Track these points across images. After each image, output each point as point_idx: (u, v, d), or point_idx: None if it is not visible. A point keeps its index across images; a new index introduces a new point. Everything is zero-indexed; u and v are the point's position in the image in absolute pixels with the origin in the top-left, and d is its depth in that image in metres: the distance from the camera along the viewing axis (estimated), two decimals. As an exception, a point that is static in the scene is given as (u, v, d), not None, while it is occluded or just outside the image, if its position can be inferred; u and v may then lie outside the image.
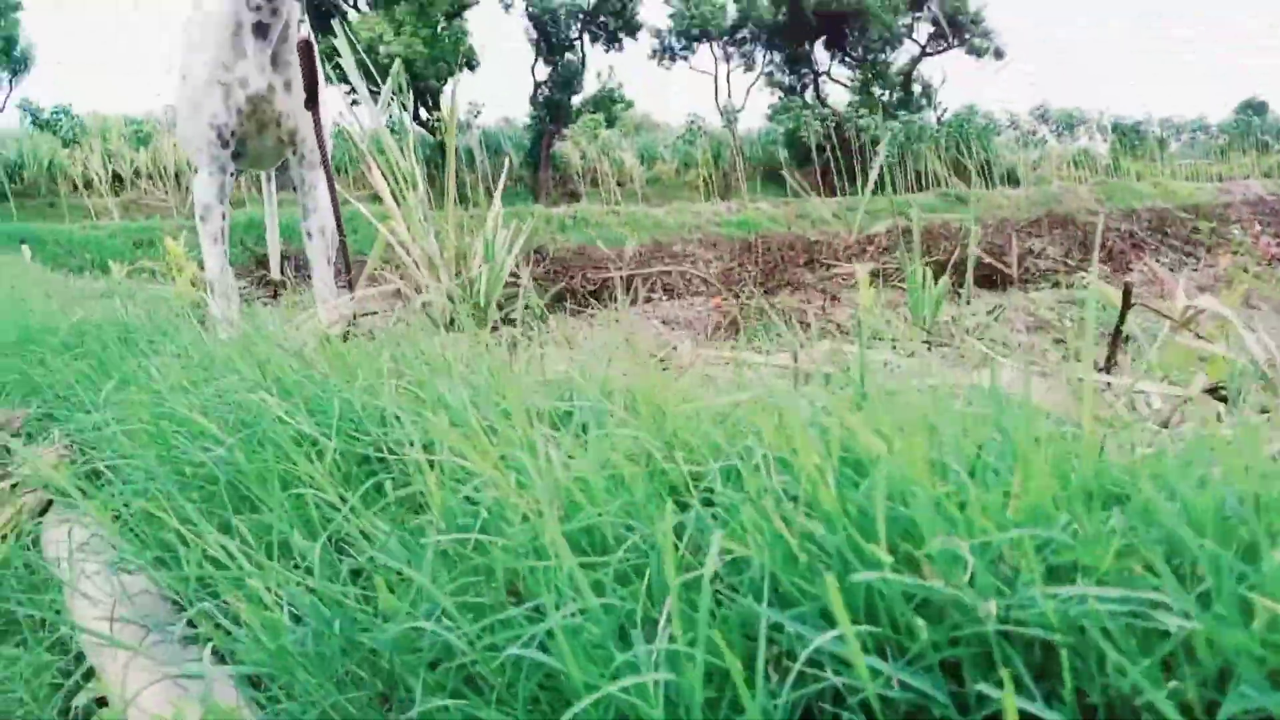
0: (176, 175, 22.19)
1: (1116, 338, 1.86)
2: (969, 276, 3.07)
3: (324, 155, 2.61)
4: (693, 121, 27.84)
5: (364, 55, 4.22)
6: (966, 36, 29.84)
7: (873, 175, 6.42)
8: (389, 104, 4.29)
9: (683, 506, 0.85)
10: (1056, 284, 6.21)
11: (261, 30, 2.44)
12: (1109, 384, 1.34)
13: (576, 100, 28.36)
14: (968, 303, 3.88)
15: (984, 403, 0.87)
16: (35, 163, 22.13)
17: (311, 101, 2.54)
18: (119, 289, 6.31)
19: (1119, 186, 26.23)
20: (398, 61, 4.52)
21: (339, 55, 4.26)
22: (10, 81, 21.20)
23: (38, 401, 2.49)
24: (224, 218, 2.64)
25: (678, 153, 29.56)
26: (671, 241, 14.19)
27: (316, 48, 2.60)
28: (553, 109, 27.82)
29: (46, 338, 2.77)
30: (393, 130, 4.34)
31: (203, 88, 2.47)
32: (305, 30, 2.51)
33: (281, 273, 5.00)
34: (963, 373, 1.23)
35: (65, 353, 2.56)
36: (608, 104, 28.41)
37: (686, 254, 11.14)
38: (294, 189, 3.36)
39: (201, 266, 6.37)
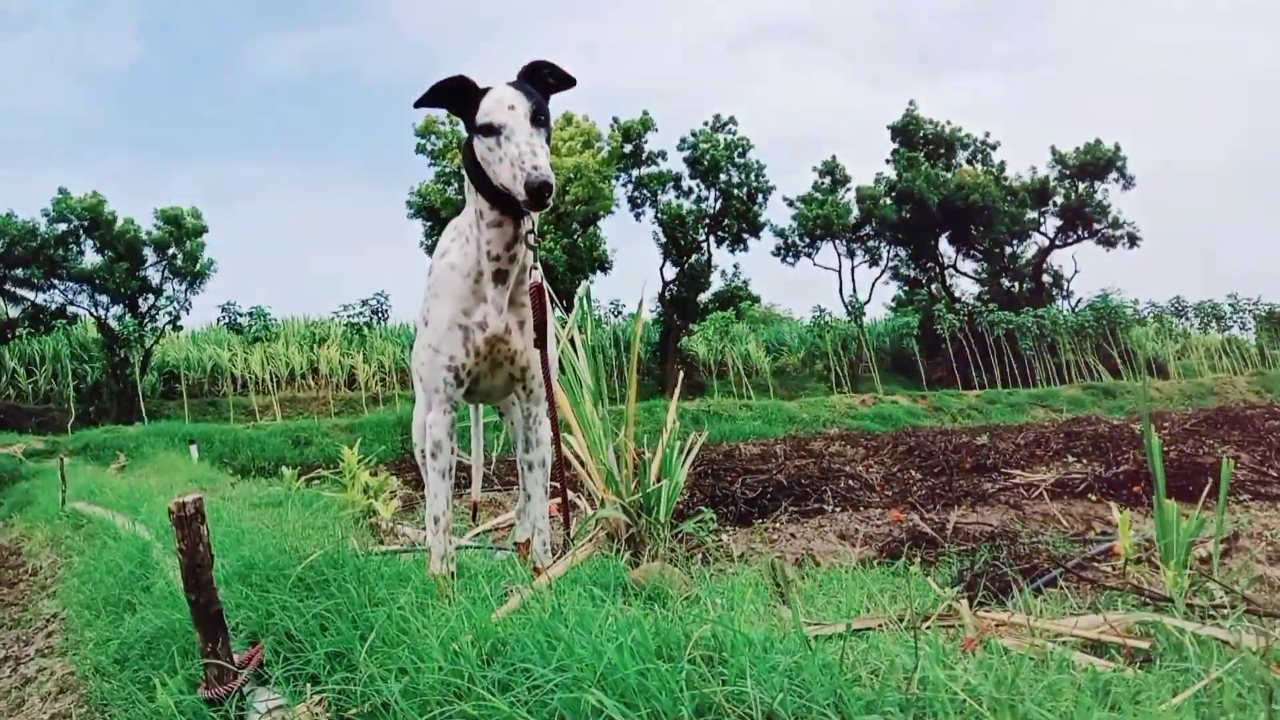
0: (329, 375, 23.71)
1: None
2: (1221, 504, 2.85)
3: (550, 392, 2.65)
4: (818, 315, 28.15)
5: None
6: (1095, 228, 29.70)
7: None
8: (576, 327, 4.42)
9: None
10: (1259, 495, 5.74)
11: (501, 277, 2.54)
12: None
13: (703, 296, 29.18)
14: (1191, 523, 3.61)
15: None
16: (199, 366, 24.04)
17: (541, 340, 2.60)
18: (294, 495, 6.54)
19: (1278, 377, 24.89)
20: (585, 284, 4.69)
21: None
22: (186, 292, 23.22)
23: (268, 639, 2.48)
24: (452, 453, 2.68)
25: (804, 344, 29.84)
26: (810, 437, 14.00)
27: (547, 291, 2.70)
28: (680, 305, 28.66)
29: (271, 571, 2.80)
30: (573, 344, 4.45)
31: (444, 332, 2.57)
32: (537, 275, 2.61)
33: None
34: None
35: (296, 588, 2.57)
36: (734, 300, 29.13)
37: (831, 452, 10.94)
38: (501, 417, 3.44)
39: (372, 473, 6.50)
